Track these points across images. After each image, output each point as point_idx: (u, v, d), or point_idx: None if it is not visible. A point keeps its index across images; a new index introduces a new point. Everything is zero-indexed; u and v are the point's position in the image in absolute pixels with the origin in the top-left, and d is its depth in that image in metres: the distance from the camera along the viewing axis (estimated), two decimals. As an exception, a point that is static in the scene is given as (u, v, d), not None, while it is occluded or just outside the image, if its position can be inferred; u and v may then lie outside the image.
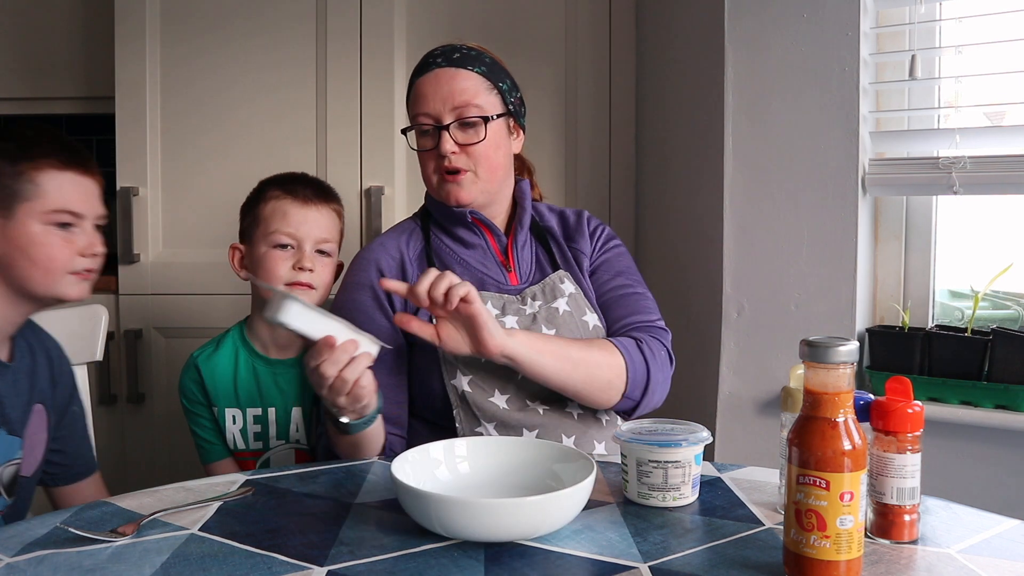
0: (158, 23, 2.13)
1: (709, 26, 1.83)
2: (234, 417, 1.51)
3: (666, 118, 2.05)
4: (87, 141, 2.76)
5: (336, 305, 1.37)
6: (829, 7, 1.68)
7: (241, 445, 1.51)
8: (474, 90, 1.34)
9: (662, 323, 1.40)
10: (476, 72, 1.35)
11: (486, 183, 1.36)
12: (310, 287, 1.48)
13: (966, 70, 1.67)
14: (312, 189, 1.52)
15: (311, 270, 1.48)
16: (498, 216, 1.42)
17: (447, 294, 1.13)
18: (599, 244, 1.46)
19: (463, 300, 1.13)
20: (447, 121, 1.33)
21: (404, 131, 1.41)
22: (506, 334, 1.19)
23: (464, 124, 1.33)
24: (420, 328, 1.18)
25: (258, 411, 1.51)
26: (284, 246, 1.48)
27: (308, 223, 1.48)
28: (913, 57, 1.67)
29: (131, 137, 2.13)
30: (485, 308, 1.16)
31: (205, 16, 2.13)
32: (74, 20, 2.36)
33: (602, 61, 2.16)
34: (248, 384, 1.51)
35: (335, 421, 1.18)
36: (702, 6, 1.87)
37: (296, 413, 1.51)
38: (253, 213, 1.52)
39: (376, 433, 1.23)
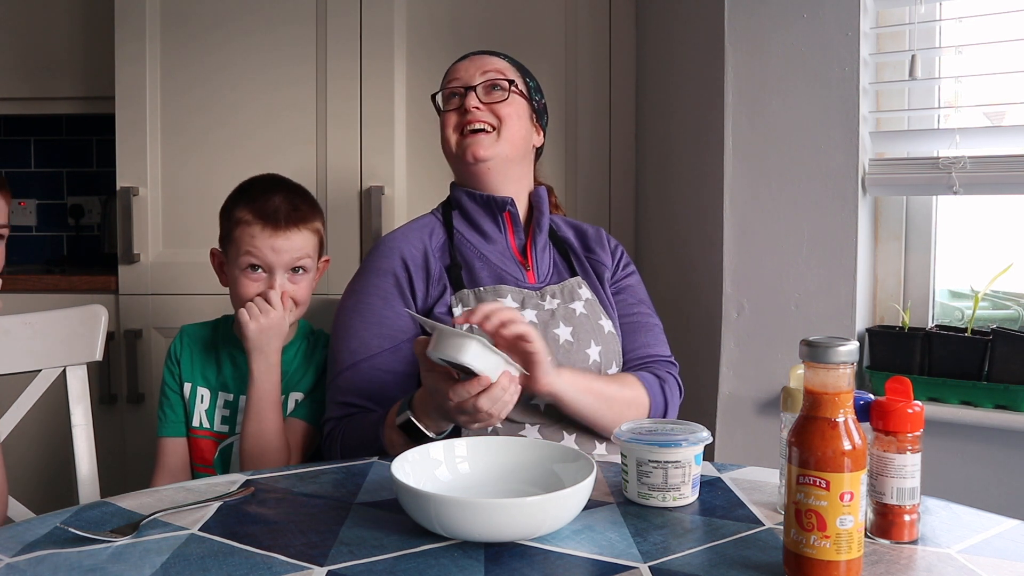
0: (158, 23, 2.13)
1: (709, 26, 1.83)
2: (202, 396, 1.52)
3: (666, 118, 2.05)
4: (87, 141, 2.77)
5: (355, 288, 1.39)
6: (829, 7, 1.68)
7: (206, 425, 1.52)
8: (504, 67, 1.44)
9: (672, 357, 1.46)
10: (508, 60, 1.47)
11: (505, 144, 1.39)
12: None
13: (966, 70, 1.67)
14: (285, 210, 1.45)
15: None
16: (518, 209, 1.45)
17: (504, 325, 1.12)
18: (620, 264, 1.50)
19: (522, 339, 1.12)
20: (475, 83, 1.40)
21: (433, 96, 1.47)
22: (555, 373, 1.19)
23: (491, 88, 1.41)
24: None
25: (230, 396, 1.52)
26: (255, 267, 1.45)
27: (277, 251, 1.44)
28: (913, 57, 1.67)
29: (131, 137, 2.13)
30: (544, 347, 1.15)
31: (205, 16, 2.13)
32: (74, 20, 2.36)
33: (602, 61, 2.16)
34: (225, 368, 1.53)
35: (415, 435, 1.15)
36: (702, 6, 1.87)
37: None
38: (227, 229, 1.50)
39: None
